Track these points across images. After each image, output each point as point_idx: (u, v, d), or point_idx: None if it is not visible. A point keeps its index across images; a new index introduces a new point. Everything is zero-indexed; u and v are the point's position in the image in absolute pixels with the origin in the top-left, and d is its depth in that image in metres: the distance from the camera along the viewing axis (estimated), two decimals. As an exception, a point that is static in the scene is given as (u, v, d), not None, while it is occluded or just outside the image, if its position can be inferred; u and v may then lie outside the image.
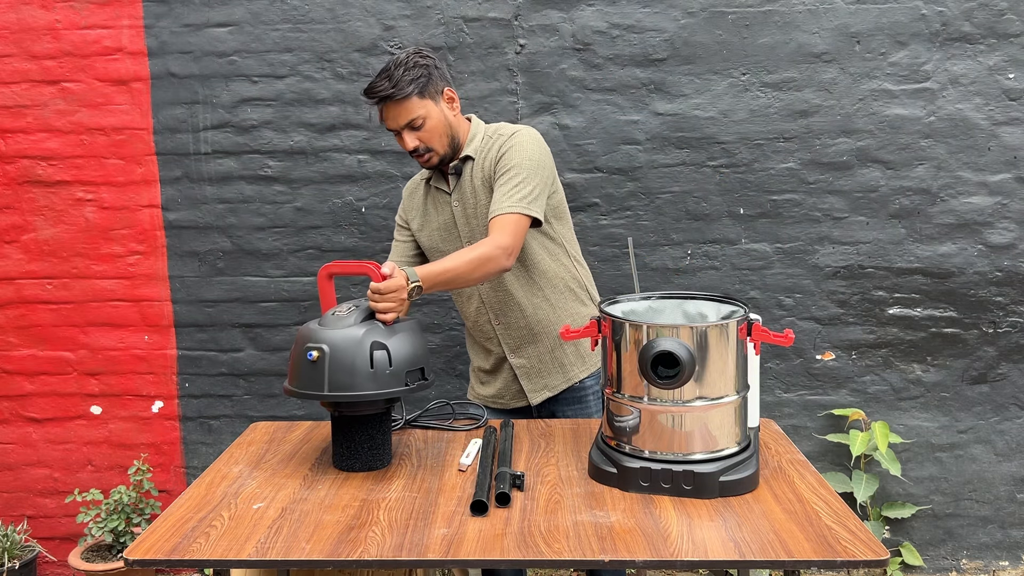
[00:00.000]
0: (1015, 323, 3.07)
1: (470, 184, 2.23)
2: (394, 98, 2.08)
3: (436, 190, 2.29)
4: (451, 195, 2.26)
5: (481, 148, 2.22)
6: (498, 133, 2.23)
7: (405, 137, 2.13)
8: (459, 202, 2.25)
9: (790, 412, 3.15)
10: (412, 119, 2.11)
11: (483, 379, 2.43)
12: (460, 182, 2.24)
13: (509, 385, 2.36)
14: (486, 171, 2.20)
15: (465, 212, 2.25)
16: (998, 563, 3.19)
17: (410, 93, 2.08)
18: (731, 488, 1.69)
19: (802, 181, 3.04)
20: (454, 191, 2.25)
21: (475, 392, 2.46)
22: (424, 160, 2.18)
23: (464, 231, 2.26)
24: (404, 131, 2.12)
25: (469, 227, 2.26)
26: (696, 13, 2.97)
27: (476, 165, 2.21)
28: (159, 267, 3.15)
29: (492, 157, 2.19)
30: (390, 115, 2.11)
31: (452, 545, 1.51)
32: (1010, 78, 2.95)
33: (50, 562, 3.31)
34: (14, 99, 3.08)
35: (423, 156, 2.17)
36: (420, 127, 2.12)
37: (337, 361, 1.76)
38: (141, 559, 1.50)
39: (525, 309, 2.28)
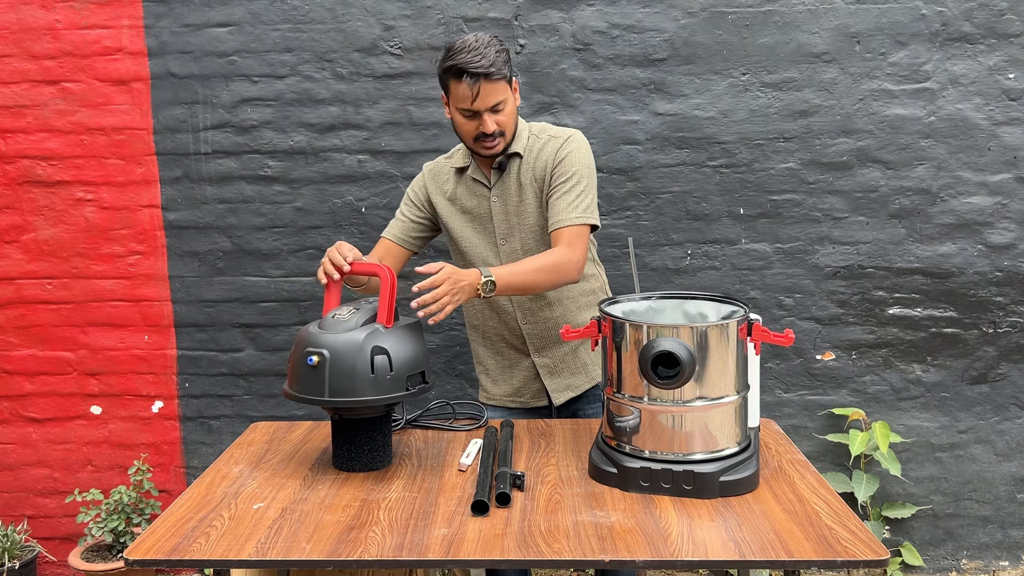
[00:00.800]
0: (1015, 323, 3.07)
1: (516, 181, 2.18)
2: (492, 77, 2.00)
3: (473, 181, 2.22)
4: (491, 189, 2.20)
5: (529, 147, 2.18)
6: (546, 134, 2.20)
7: (486, 119, 2.04)
8: (498, 198, 2.20)
9: (790, 412, 3.15)
10: (499, 101, 2.04)
11: (496, 378, 2.37)
12: (503, 177, 2.19)
13: (529, 384, 2.33)
14: (537, 172, 2.16)
15: (505, 209, 2.20)
16: (998, 563, 3.19)
17: (504, 74, 2.03)
18: (731, 488, 1.69)
19: (802, 181, 3.04)
20: (495, 186, 2.19)
21: (488, 393, 2.40)
22: (491, 146, 2.09)
23: (500, 228, 2.21)
24: (487, 113, 2.04)
25: (507, 224, 2.21)
26: (696, 13, 2.97)
27: (525, 164, 2.17)
28: (159, 267, 3.15)
29: (547, 160, 2.15)
30: (483, 93, 2.01)
31: (452, 545, 1.51)
32: (1010, 78, 2.95)
33: (50, 562, 3.31)
34: (14, 99, 3.08)
35: (494, 141, 2.09)
36: (500, 111, 2.06)
37: (337, 366, 1.76)
38: (141, 559, 1.50)
39: (555, 309, 2.26)
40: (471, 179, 2.22)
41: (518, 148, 2.17)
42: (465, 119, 2.07)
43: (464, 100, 2.03)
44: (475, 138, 2.09)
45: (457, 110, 2.07)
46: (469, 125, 2.07)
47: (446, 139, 3.04)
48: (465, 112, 2.05)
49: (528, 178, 2.17)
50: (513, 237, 2.21)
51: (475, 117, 2.05)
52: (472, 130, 2.08)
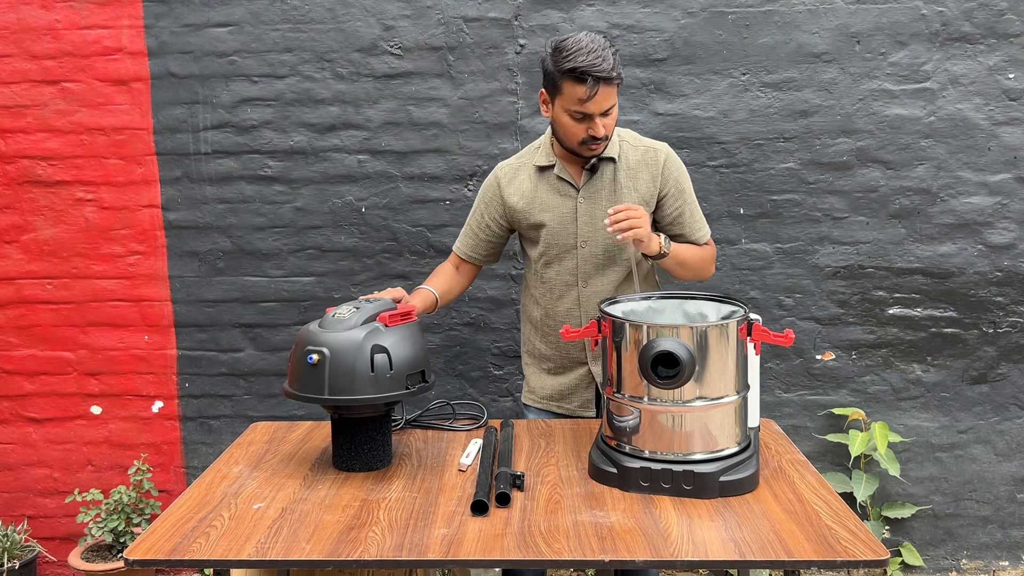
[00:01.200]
0: (1015, 323, 3.07)
1: (609, 186, 2.15)
2: (611, 81, 1.96)
3: (560, 180, 2.17)
4: (579, 191, 2.16)
5: (623, 153, 2.16)
6: (640, 143, 2.18)
7: (598, 122, 1.99)
8: (586, 200, 2.16)
9: (790, 412, 3.15)
10: (611, 105, 2.00)
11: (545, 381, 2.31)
12: (593, 180, 2.15)
13: (579, 391, 2.28)
14: (639, 182, 2.14)
15: (591, 211, 2.16)
16: (998, 563, 3.19)
17: (621, 77, 1.99)
18: (731, 488, 1.69)
19: (802, 181, 3.04)
20: (583, 187, 2.16)
21: (534, 394, 2.35)
22: (595, 149, 2.06)
23: (584, 230, 2.17)
24: (599, 116, 2.00)
25: (592, 227, 2.16)
26: (696, 13, 2.97)
27: (620, 170, 2.15)
28: (159, 267, 3.15)
29: (654, 171, 2.15)
30: (600, 97, 1.96)
31: (452, 545, 1.51)
32: (1010, 78, 2.95)
33: (50, 562, 3.31)
34: (14, 99, 3.08)
35: (599, 145, 2.06)
36: (610, 114, 2.02)
37: (337, 365, 1.76)
38: (141, 559, 1.50)
39: None
40: (556, 178, 2.17)
41: (611, 153, 2.13)
42: (574, 121, 2.01)
43: (579, 103, 1.97)
44: (581, 141, 2.04)
45: (566, 111, 2.01)
46: (577, 127, 2.02)
47: (446, 139, 3.05)
48: (576, 114, 2.00)
49: (627, 185, 2.14)
50: (595, 241, 2.16)
51: (585, 120, 2.00)
52: (580, 133, 2.03)
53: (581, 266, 2.18)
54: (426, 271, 3.11)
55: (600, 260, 2.18)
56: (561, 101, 2.01)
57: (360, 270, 3.13)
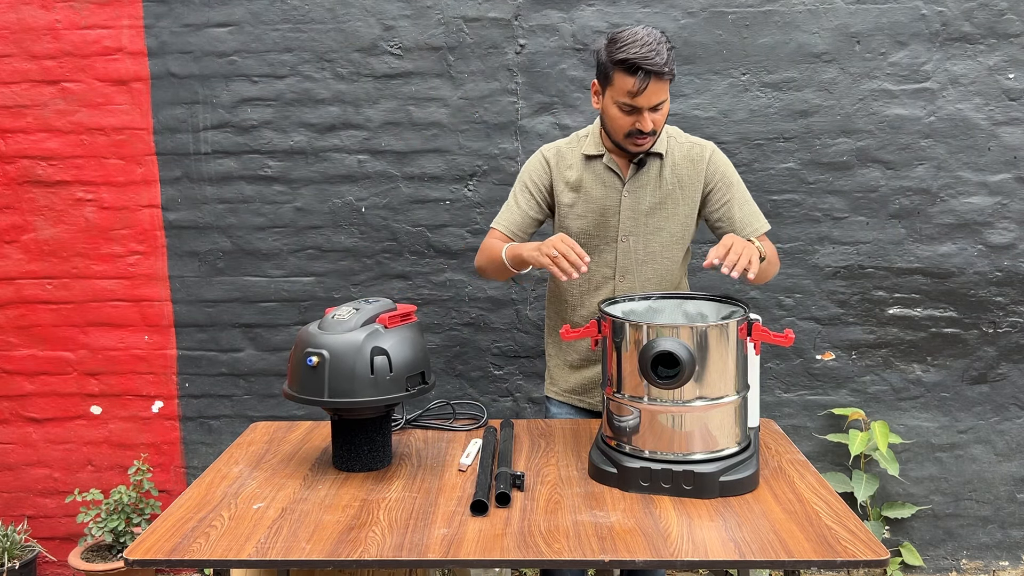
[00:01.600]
0: (1015, 323, 3.07)
1: (655, 181, 2.12)
2: (663, 76, 1.92)
3: (607, 170, 2.13)
4: (625, 184, 2.13)
5: (670, 149, 2.13)
6: (685, 139, 2.16)
7: (646, 116, 1.96)
8: (630, 194, 2.12)
9: (790, 412, 3.15)
10: (662, 100, 1.97)
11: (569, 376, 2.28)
12: (639, 174, 2.12)
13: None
14: (684, 178, 2.13)
15: (634, 206, 2.13)
16: (998, 563, 3.19)
17: (673, 73, 1.96)
18: (731, 488, 1.69)
19: (802, 181, 3.04)
20: (629, 180, 2.12)
21: (557, 386, 2.31)
22: (642, 143, 2.03)
23: (625, 224, 2.13)
24: (647, 111, 1.96)
25: (633, 222, 2.13)
26: (696, 13, 2.97)
27: (667, 166, 2.12)
28: (159, 267, 3.15)
29: (700, 167, 2.13)
30: (650, 91, 1.93)
31: (452, 545, 1.51)
32: (1010, 78, 2.95)
33: (50, 562, 3.31)
34: (14, 99, 3.08)
35: (646, 139, 2.02)
36: (659, 110, 1.99)
37: (337, 367, 1.76)
38: (141, 559, 1.50)
39: None
40: (604, 167, 2.14)
41: (658, 148, 2.11)
42: (623, 114, 1.99)
43: (628, 95, 1.94)
44: (628, 134, 2.01)
45: (615, 103, 1.98)
46: (625, 120, 1.99)
47: (446, 139, 3.05)
48: (625, 107, 1.97)
49: (672, 181, 2.13)
50: (636, 236, 2.14)
51: (634, 113, 1.97)
52: (627, 125, 2.00)
53: (620, 260, 2.15)
54: (426, 271, 3.12)
55: (640, 256, 2.15)
56: (611, 92, 1.99)
57: (360, 270, 3.13)
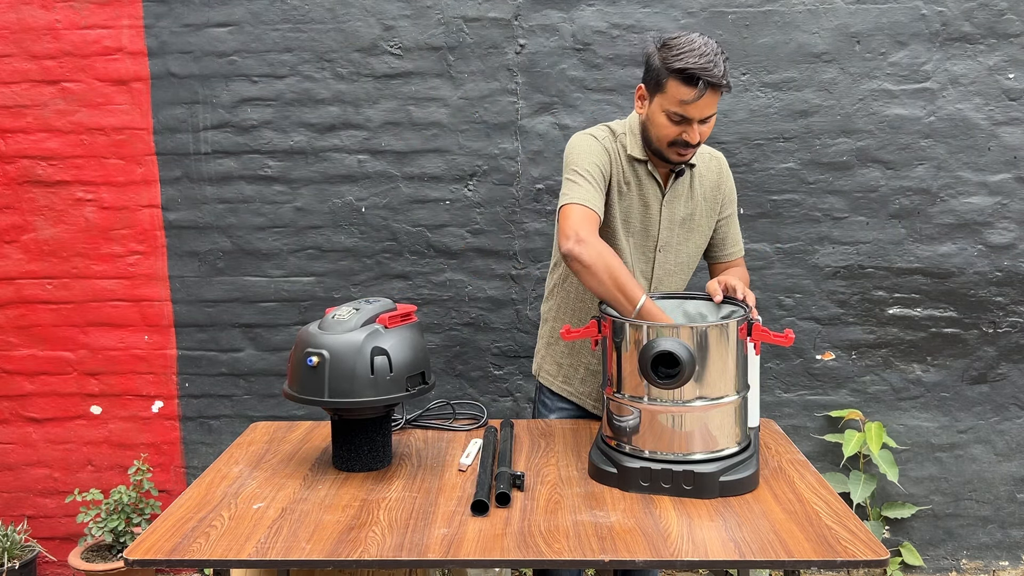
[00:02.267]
0: (1015, 323, 3.07)
1: (686, 192, 2.09)
2: (720, 88, 1.87)
3: (650, 178, 2.05)
4: (664, 195, 2.06)
5: (698, 160, 2.10)
6: (709, 153, 2.14)
7: (695, 127, 1.90)
8: (668, 205, 2.07)
9: (790, 412, 3.15)
10: (712, 113, 1.91)
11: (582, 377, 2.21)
12: (675, 185, 2.07)
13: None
14: (707, 190, 2.11)
15: (671, 217, 2.08)
16: (998, 563, 3.19)
17: (729, 87, 1.90)
18: (731, 488, 1.69)
19: (802, 181, 3.04)
20: (668, 191, 2.06)
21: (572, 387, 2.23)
22: (685, 155, 1.96)
23: (664, 235, 2.08)
24: (697, 122, 1.90)
25: (670, 234, 2.09)
26: (696, 13, 2.97)
27: (696, 177, 2.10)
28: (159, 267, 3.15)
29: (715, 180, 2.13)
30: (705, 102, 1.86)
31: (452, 545, 1.51)
32: (1010, 78, 2.95)
33: (50, 562, 3.31)
34: (14, 99, 3.08)
35: (689, 152, 1.95)
36: (708, 122, 1.92)
37: (337, 367, 1.76)
38: (141, 559, 1.50)
39: None
40: (647, 175, 2.05)
41: (694, 159, 2.07)
42: (671, 123, 1.90)
43: (681, 104, 1.87)
44: (672, 143, 1.93)
45: (665, 111, 1.90)
46: (672, 129, 1.91)
47: (446, 139, 3.05)
48: (675, 116, 1.89)
49: (700, 193, 2.10)
50: (670, 248, 2.10)
51: (683, 123, 1.90)
52: (672, 135, 1.91)
53: (656, 271, 2.11)
54: (426, 271, 3.12)
55: (672, 267, 2.13)
56: (661, 99, 1.91)
57: (360, 270, 3.13)
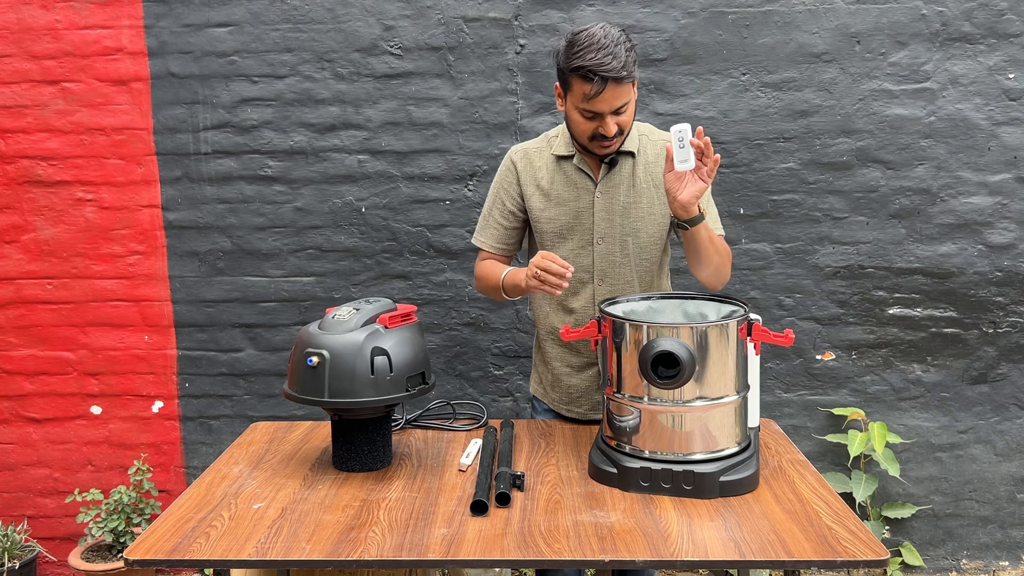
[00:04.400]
0: (1015, 323, 3.07)
1: (627, 182, 2.08)
2: (621, 81, 1.86)
3: (578, 171, 2.08)
4: (597, 185, 2.08)
5: (642, 148, 2.09)
6: (661, 138, 2.12)
7: (608, 121, 1.91)
8: (603, 195, 2.08)
9: (790, 412, 3.15)
10: (624, 103, 1.91)
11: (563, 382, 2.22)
12: (611, 175, 2.08)
13: (589, 394, 2.20)
14: (655, 176, 2.09)
15: (608, 207, 2.08)
16: (998, 563, 3.19)
17: (633, 76, 1.90)
18: (731, 488, 1.69)
19: (802, 181, 3.04)
20: (601, 181, 2.08)
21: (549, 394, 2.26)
22: (607, 146, 1.98)
23: (600, 226, 2.09)
24: (609, 115, 1.91)
25: (608, 223, 2.09)
26: (696, 13, 2.97)
27: (639, 165, 2.08)
28: (159, 267, 3.15)
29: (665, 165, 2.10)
30: (607, 96, 1.87)
31: (452, 545, 1.51)
32: (1010, 78, 2.95)
33: (50, 562, 3.31)
34: (14, 99, 3.08)
35: (611, 142, 1.96)
36: (623, 112, 1.93)
37: (337, 367, 1.76)
38: (141, 559, 1.50)
39: None
40: (575, 169, 2.09)
41: (630, 147, 2.07)
42: (584, 119, 1.94)
43: (586, 101, 1.90)
44: (591, 137, 1.97)
45: (576, 108, 1.94)
46: (587, 125, 1.95)
47: (446, 139, 3.05)
48: (586, 112, 1.93)
49: (646, 181, 2.09)
50: (612, 238, 2.10)
51: (596, 118, 1.93)
52: (589, 130, 1.95)
53: (598, 263, 2.11)
54: (426, 271, 3.12)
55: (618, 258, 2.11)
56: (571, 98, 1.95)
57: (360, 270, 3.13)
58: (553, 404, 2.26)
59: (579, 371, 2.20)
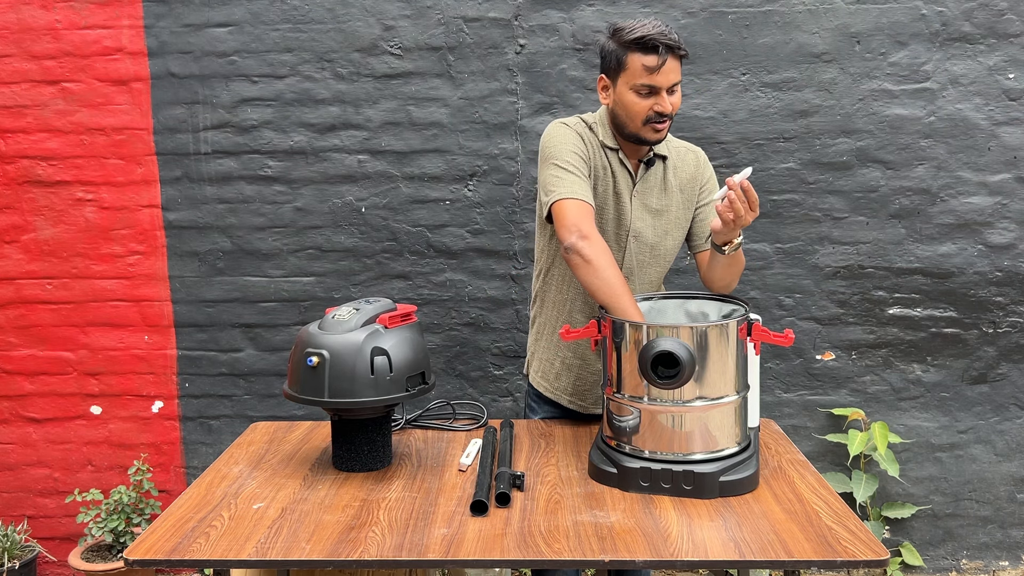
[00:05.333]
0: (1015, 323, 3.07)
1: (660, 184, 2.09)
2: (677, 53, 1.90)
3: (622, 166, 2.07)
4: (635, 184, 2.07)
5: (672, 154, 2.11)
6: (680, 144, 2.15)
7: (665, 97, 1.91)
8: (640, 194, 2.08)
9: (790, 412, 3.15)
10: (677, 81, 1.93)
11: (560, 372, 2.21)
12: (647, 175, 2.08)
13: (594, 388, 2.20)
14: (683, 181, 2.11)
15: (644, 207, 2.08)
16: (998, 563, 3.19)
17: (686, 55, 1.94)
18: (731, 488, 1.69)
19: (802, 181, 3.04)
20: (639, 182, 2.07)
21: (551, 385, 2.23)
22: (660, 130, 1.96)
23: (637, 223, 2.07)
24: (665, 92, 1.92)
25: (643, 222, 2.08)
26: (696, 13, 2.97)
27: (670, 169, 2.10)
28: (159, 267, 3.15)
29: (692, 172, 2.12)
30: (667, 68, 1.89)
31: (452, 545, 1.51)
32: (1010, 78, 2.95)
33: (50, 562, 3.31)
34: (14, 99, 3.08)
35: (664, 124, 1.96)
36: (675, 93, 1.94)
37: (337, 367, 1.76)
38: (141, 559, 1.50)
39: None
40: (619, 164, 2.06)
41: (663, 151, 2.08)
42: (640, 97, 1.92)
43: (646, 75, 1.89)
44: (646, 120, 1.94)
45: (631, 88, 1.92)
46: (643, 104, 1.92)
47: (446, 139, 3.04)
48: (643, 89, 1.91)
49: (675, 185, 2.11)
50: (644, 237, 2.09)
51: (652, 95, 1.92)
52: (645, 110, 1.93)
53: (627, 260, 2.10)
54: (426, 271, 3.12)
55: (646, 258, 2.12)
56: (625, 77, 1.93)
57: (360, 270, 3.13)
58: (556, 395, 2.23)
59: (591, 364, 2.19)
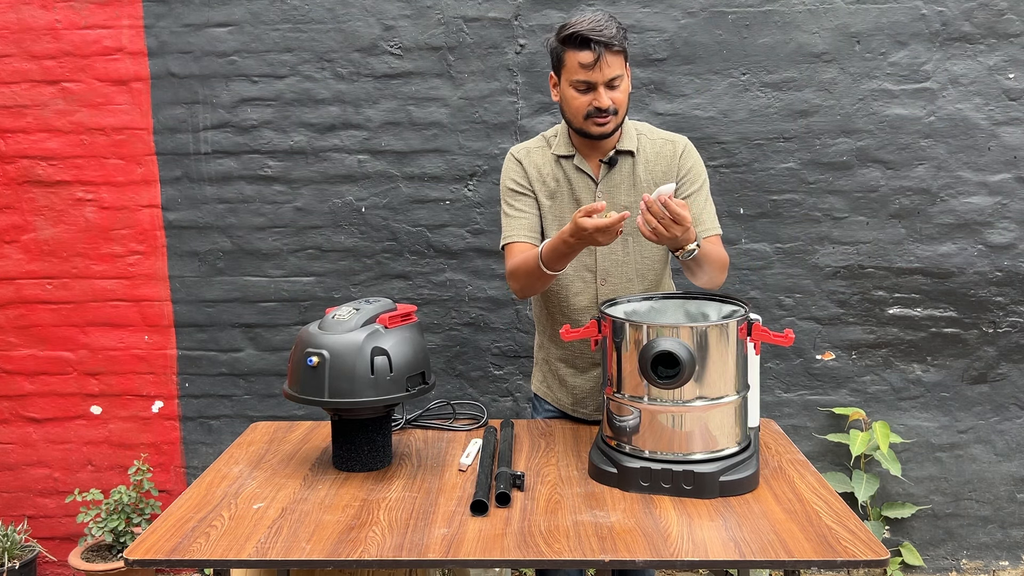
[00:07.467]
0: (1015, 323, 3.07)
1: (628, 180, 2.08)
2: (612, 48, 1.90)
3: (578, 172, 2.08)
4: (598, 185, 2.07)
5: (641, 147, 2.09)
6: (657, 135, 2.13)
7: (602, 92, 1.93)
8: (604, 194, 2.07)
9: (790, 412, 3.15)
10: (616, 75, 1.94)
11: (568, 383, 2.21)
12: (611, 174, 2.08)
13: (595, 394, 2.19)
14: (657, 175, 2.09)
15: (610, 207, 2.05)
16: (998, 563, 3.19)
17: (624, 49, 1.94)
18: (731, 488, 1.69)
19: (802, 181, 3.04)
20: (602, 181, 2.08)
21: (555, 395, 2.25)
22: (603, 123, 1.97)
23: None
24: (603, 86, 1.93)
25: None
26: (696, 13, 2.97)
27: (639, 164, 2.08)
28: (159, 267, 3.15)
29: (669, 163, 2.09)
30: (603, 63, 1.90)
31: (452, 545, 1.51)
32: (1010, 78, 2.95)
33: (50, 562, 3.31)
34: (14, 99, 3.08)
35: (606, 119, 1.96)
36: (616, 87, 1.95)
37: (337, 367, 1.76)
38: (141, 559, 1.50)
39: None
40: (576, 169, 2.09)
41: (629, 146, 2.07)
42: (579, 93, 1.95)
43: (581, 71, 1.92)
44: (586, 115, 1.96)
45: (571, 84, 1.96)
46: (582, 100, 1.95)
47: (446, 139, 3.05)
48: (580, 85, 1.94)
49: (647, 179, 2.09)
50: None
51: (590, 91, 1.94)
52: (584, 105, 1.95)
53: (600, 262, 2.10)
54: (426, 271, 3.12)
55: (620, 257, 2.10)
56: (565, 74, 1.97)
57: (360, 270, 3.13)
58: (559, 404, 2.25)
59: (583, 372, 2.20)
